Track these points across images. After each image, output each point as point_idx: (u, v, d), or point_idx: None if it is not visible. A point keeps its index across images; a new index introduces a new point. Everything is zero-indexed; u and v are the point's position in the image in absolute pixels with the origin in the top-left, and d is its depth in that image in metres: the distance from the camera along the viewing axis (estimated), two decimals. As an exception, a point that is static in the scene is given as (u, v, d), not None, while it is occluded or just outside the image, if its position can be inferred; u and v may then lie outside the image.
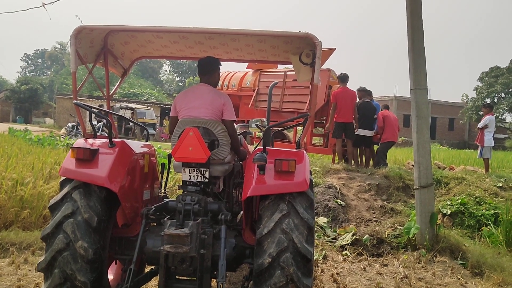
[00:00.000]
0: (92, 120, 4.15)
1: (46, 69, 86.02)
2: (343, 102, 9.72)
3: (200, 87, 3.76)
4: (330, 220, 7.05)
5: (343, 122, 9.80)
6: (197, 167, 3.43)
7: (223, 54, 4.34)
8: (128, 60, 4.51)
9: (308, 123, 3.72)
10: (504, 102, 39.76)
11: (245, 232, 3.46)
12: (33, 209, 6.35)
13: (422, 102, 6.47)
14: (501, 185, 8.71)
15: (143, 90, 49.30)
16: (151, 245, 3.39)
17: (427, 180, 6.41)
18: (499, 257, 6.10)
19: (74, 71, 3.57)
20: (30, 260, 5.17)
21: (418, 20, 6.36)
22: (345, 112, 9.73)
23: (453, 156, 18.48)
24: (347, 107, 9.75)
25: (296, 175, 3.16)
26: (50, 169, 7.63)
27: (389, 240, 6.56)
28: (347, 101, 9.75)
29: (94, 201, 3.17)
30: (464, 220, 7.48)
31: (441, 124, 45.81)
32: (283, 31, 3.49)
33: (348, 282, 5.10)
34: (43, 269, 3.10)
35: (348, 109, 9.77)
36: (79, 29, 3.42)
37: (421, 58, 6.39)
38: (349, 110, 9.80)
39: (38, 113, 53.52)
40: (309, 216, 3.12)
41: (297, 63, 3.94)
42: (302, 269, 2.99)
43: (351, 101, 9.81)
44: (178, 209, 3.30)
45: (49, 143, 12.38)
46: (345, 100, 9.73)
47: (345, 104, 9.72)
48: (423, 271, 5.64)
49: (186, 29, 3.55)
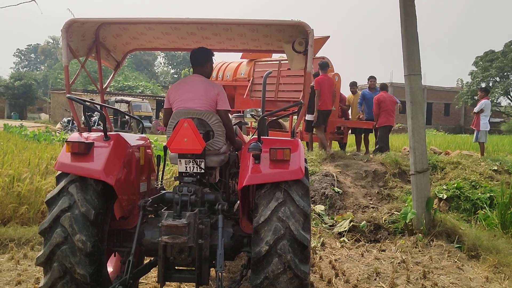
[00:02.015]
0: (86, 114, 4.14)
1: (40, 64, 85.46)
2: (326, 90, 9.78)
3: (193, 78, 3.76)
4: (327, 208, 7.09)
5: (326, 110, 9.85)
6: (192, 158, 3.44)
7: (216, 45, 4.33)
8: (120, 53, 4.49)
9: (302, 112, 3.73)
10: (499, 86, 39.85)
11: (242, 221, 3.49)
12: (31, 205, 6.37)
13: (417, 88, 6.48)
14: (496, 169, 8.78)
15: (138, 83, 49.13)
16: (149, 236, 3.42)
17: (423, 166, 6.44)
18: (494, 239, 6.17)
19: (66, 65, 3.55)
20: (29, 255, 5.19)
21: (410, 6, 6.34)
22: (326, 100, 9.81)
23: (449, 141, 18.57)
24: (329, 94, 9.84)
25: (291, 163, 3.18)
26: (47, 165, 7.63)
27: (386, 225, 6.61)
28: (330, 89, 9.87)
29: (90, 195, 3.18)
30: (460, 204, 7.55)
31: (436, 110, 45.89)
32: (275, 20, 3.48)
33: (346, 268, 5.15)
34: (42, 263, 3.12)
35: (329, 97, 9.87)
36: (70, 22, 3.39)
37: (415, 44, 6.39)
38: (330, 97, 9.90)
39: (33, 109, 53.29)
40: (305, 204, 3.15)
41: (290, 52, 3.94)
42: (299, 256, 3.02)
43: (331, 89, 9.87)
44: (175, 200, 3.31)
45: (45, 139, 12.36)
46: (329, 88, 9.84)
47: (327, 91, 9.80)
48: (420, 255, 5.70)
49: (178, 20, 3.53)
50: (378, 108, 10.24)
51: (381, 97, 10.40)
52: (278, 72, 12.06)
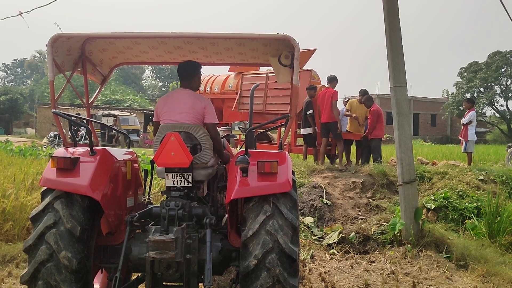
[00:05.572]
0: (72, 129, 4.09)
1: (26, 79, 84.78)
2: (321, 103, 9.84)
3: (180, 92, 3.76)
4: (316, 220, 7.09)
5: (323, 122, 9.91)
6: (180, 172, 3.42)
7: (203, 58, 4.34)
8: (107, 67, 4.47)
9: (289, 124, 3.74)
10: (483, 96, 40.49)
11: (230, 235, 3.46)
12: (16, 221, 6.25)
13: (402, 99, 6.56)
14: (483, 178, 8.87)
15: (126, 97, 48.96)
16: (136, 252, 3.38)
17: (410, 176, 6.49)
18: (482, 249, 6.21)
19: (52, 80, 3.53)
20: (14, 273, 5.09)
21: (395, 18, 6.45)
22: (323, 112, 9.86)
23: (436, 151, 18.75)
24: (324, 107, 9.87)
25: (279, 176, 3.18)
26: (33, 180, 7.51)
27: (375, 236, 6.62)
28: (324, 101, 9.87)
29: (76, 211, 3.14)
30: (448, 214, 7.59)
31: (423, 120, 46.40)
32: (261, 34, 3.52)
33: (336, 281, 5.14)
34: (27, 281, 3.06)
35: (324, 109, 9.89)
36: (56, 37, 3.38)
37: (399, 56, 6.48)
38: (326, 110, 9.90)
39: (19, 124, 52.70)
40: (293, 217, 3.14)
41: (277, 65, 3.96)
42: (288, 269, 3.01)
43: (327, 100, 9.87)
44: (162, 215, 3.28)
45: (31, 154, 12.17)
46: (323, 101, 9.87)
47: (322, 104, 9.85)
48: (410, 266, 5.70)
49: (164, 34, 3.54)
50: (377, 120, 10.24)
51: (377, 109, 10.44)
52: (265, 85, 12.13)
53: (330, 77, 10.19)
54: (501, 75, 40.75)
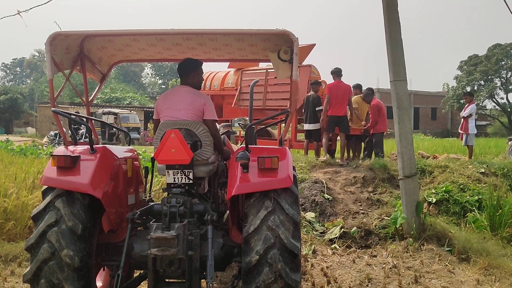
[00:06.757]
0: (72, 127, 4.10)
1: (26, 78, 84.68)
2: (335, 96, 9.75)
3: (180, 89, 3.76)
4: (318, 215, 7.09)
5: (335, 115, 9.81)
6: (180, 168, 3.42)
7: (202, 55, 4.33)
8: (106, 65, 4.46)
9: (289, 120, 3.74)
10: (483, 89, 40.42)
11: (232, 231, 3.47)
12: (17, 220, 6.26)
13: (402, 93, 6.54)
14: (484, 171, 8.87)
15: (126, 94, 48.95)
16: (138, 249, 3.38)
17: (411, 170, 6.49)
18: (484, 241, 6.21)
19: (50, 79, 3.52)
20: (17, 272, 5.10)
21: (394, 12, 6.42)
22: (336, 106, 9.75)
23: (437, 145, 18.74)
24: (339, 100, 9.76)
25: (280, 172, 3.18)
26: (34, 179, 7.51)
27: (377, 231, 6.63)
28: (339, 95, 9.76)
29: (77, 209, 3.14)
30: (449, 208, 7.59)
31: (424, 114, 46.36)
32: (260, 29, 3.50)
33: (338, 275, 5.14)
34: (29, 280, 3.07)
35: (340, 103, 9.78)
36: (54, 35, 3.37)
37: (399, 50, 6.46)
38: (342, 103, 9.79)
39: (19, 123, 52.68)
40: (295, 212, 3.14)
41: (276, 60, 3.96)
42: (290, 264, 3.01)
43: (343, 95, 9.77)
44: (163, 212, 3.28)
45: (32, 153, 12.18)
46: (337, 94, 9.75)
47: (337, 97, 9.74)
48: (411, 259, 5.71)
49: (162, 31, 3.53)
50: (378, 114, 10.15)
51: (378, 103, 10.35)
52: (265, 81, 12.11)
53: (337, 70, 10.01)
54: (501, 68, 40.64)
